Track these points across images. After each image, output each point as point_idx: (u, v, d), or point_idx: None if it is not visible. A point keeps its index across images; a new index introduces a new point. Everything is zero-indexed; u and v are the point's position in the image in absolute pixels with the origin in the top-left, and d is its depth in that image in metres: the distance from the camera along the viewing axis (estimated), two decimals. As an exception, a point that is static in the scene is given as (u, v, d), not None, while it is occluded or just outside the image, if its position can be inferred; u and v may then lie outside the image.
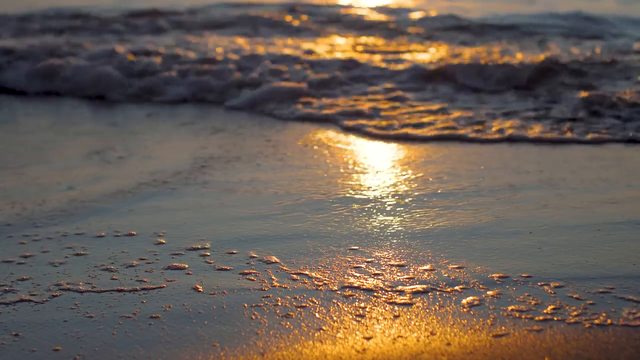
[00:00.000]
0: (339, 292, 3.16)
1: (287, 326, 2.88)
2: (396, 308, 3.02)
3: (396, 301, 3.07)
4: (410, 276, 3.30)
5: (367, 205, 4.27)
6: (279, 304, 3.06)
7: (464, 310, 2.99)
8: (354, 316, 2.96)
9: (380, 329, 2.86)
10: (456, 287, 3.19)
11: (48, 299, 3.13)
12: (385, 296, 3.12)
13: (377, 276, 3.31)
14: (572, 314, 2.94)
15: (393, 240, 3.74)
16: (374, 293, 3.15)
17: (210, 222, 4.04)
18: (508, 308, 3.00)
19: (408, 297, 3.10)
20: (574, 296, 3.09)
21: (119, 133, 6.63)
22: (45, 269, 3.43)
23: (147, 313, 2.99)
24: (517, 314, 2.95)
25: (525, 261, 3.45)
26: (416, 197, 4.40)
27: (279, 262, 3.47)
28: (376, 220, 4.02)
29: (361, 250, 3.61)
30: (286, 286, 3.23)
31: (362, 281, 3.26)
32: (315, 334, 2.82)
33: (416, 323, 2.90)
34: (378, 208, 4.21)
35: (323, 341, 2.78)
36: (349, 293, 3.15)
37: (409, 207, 4.22)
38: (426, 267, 3.39)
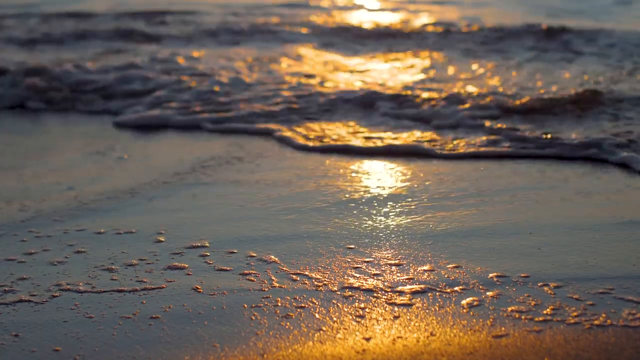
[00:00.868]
0: (339, 293, 3.16)
1: (287, 327, 2.89)
2: (396, 309, 3.02)
3: (396, 302, 3.07)
4: (409, 277, 3.31)
5: (367, 205, 4.27)
6: (279, 305, 3.06)
7: (464, 310, 2.99)
8: (354, 317, 2.96)
9: (379, 330, 2.86)
10: (456, 288, 3.19)
11: (48, 299, 3.13)
12: (385, 297, 3.12)
13: (377, 277, 3.31)
14: (572, 315, 2.94)
15: (393, 240, 3.74)
16: (374, 293, 3.15)
17: (210, 222, 4.04)
18: (508, 309, 3.00)
19: (408, 298, 3.10)
20: (574, 297, 3.09)
21: None
22: (45, 269, 3.43)
23: (147, 313, 3.00)
24: (517, 315, 2.95)
25: (524, 261, 3.45)
26: (416, 197, 4.40)
27: (279, 263, 3.47)
28: (376, 220, 4.02)
29: (361, 250, 3.61)
30: (286, 287, 3.23)
31: (362, 282, 3.26)
32: (315, 335, 2.83)
33: (416, 324, 2.90)
34: (378, 208, 4.22)
35: (323, 342, 2.78)
36: (349, 293, 3.15)
37: (409, 208, 4.22)
38: (426, 268, 3.39)
